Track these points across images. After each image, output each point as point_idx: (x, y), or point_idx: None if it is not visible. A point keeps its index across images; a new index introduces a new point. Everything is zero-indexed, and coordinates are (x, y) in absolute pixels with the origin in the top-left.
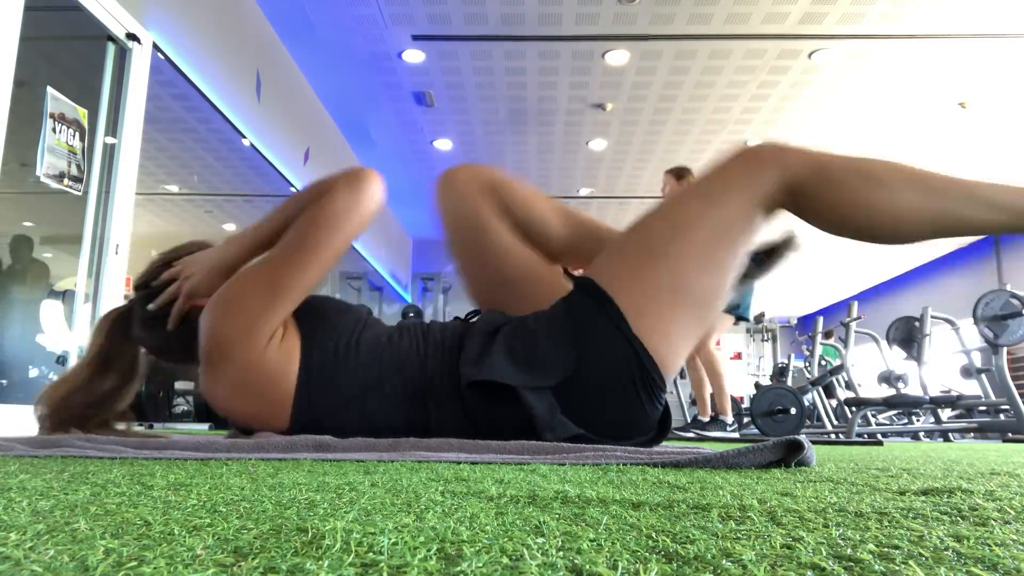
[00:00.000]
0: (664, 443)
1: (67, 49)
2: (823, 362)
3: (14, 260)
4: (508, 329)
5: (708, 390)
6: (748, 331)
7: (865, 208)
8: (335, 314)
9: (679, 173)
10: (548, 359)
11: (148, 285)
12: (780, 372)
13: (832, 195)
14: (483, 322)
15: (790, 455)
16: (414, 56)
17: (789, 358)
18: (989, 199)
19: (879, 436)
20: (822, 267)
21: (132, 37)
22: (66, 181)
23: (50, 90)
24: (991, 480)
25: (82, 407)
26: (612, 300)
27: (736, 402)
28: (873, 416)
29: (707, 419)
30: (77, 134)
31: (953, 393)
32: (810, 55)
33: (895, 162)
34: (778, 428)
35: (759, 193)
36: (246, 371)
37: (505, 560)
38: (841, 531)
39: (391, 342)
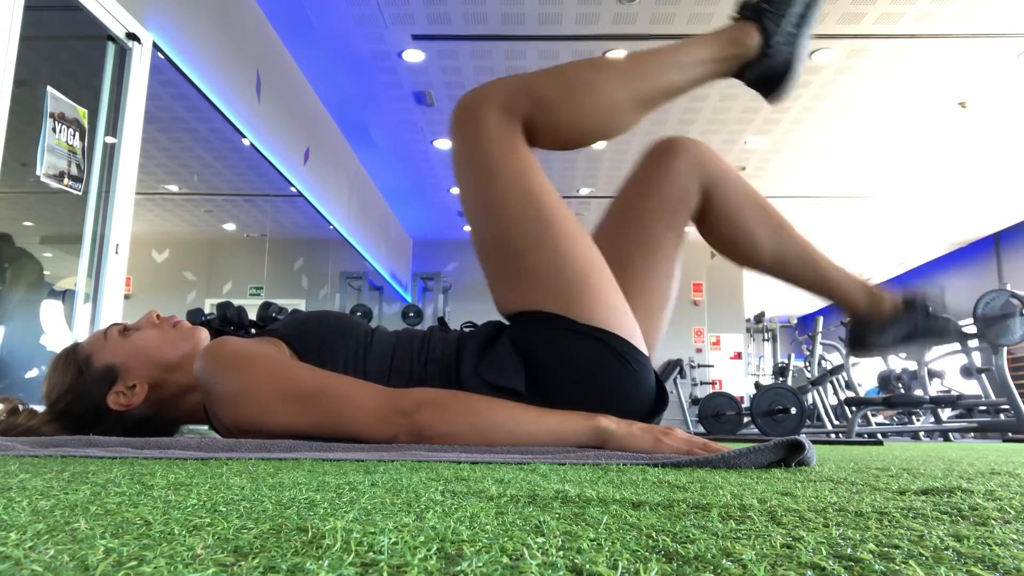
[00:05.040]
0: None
1: (67, 49)
2: (824, 362)
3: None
4: (502, 340)
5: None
6: (748, 331)
7: (582, 116)
8: (336, 339)
9: None
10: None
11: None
12: (780, 372)
13: (550, 116)
14: (477, 333)
15: (791, 455)
16: (414, 56)
17: (789, 358)
18: (680, 61)
19: (879, 436)
20: None
21: (132, 37)
22: (66, 181)
23: (50, 90)
24: (991, 480)
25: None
26: (543, 311)
27: (736, 402)
28: (873, 416)
29: None
30: (77, 134)
31: (953, 393)
32: (810, 55)
33: (588, 60)
34: (778, 428)
35: (499, 136)
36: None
37: (505, 560)
38: (841, 531)
39: (394, 359)
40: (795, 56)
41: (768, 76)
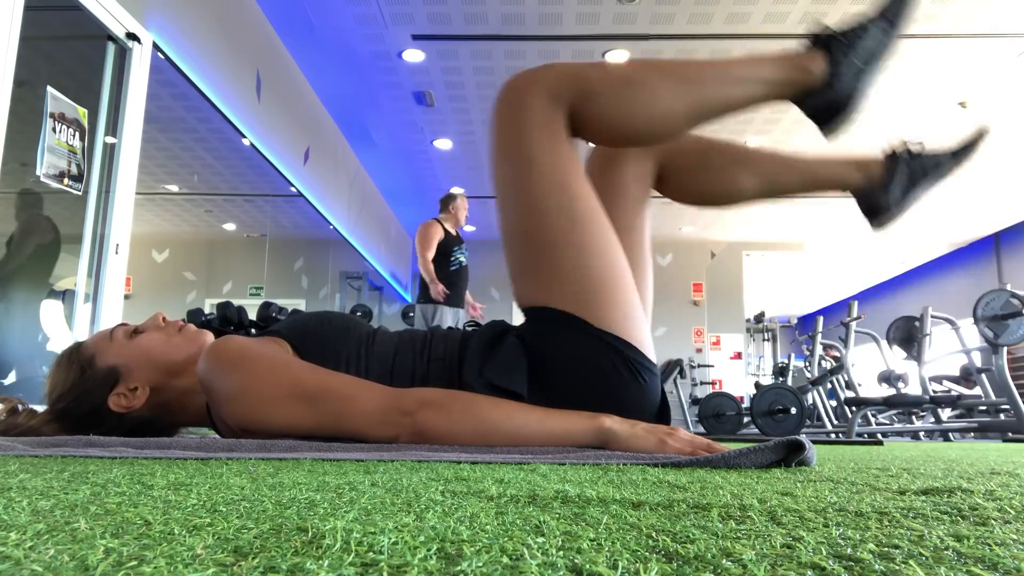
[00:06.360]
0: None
1: (67, 49)
2: (824, 362)
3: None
4: (509, 340)
5: None
6: (748, 331)
7: (631, 113)
8: (338, 339)
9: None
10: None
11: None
12: (780, 372)
13: (599, 108)
14: (482, 333)
15: (791, 455)
16: (414, 56)
17: (789, 358)
18: (741, 76)
19: (879, 436)
20: (822, 267)
21: (132, 37)
22: (66, 181)
23: (50, 90)
24: (991, 480)
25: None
26: (559, 310)
27: (736, 402)
28: (873, 416)
29: None
30: (77, 134)
31: (953, 393)
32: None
33: (647, 60)
34: (778, 428)
35: (542, 124)
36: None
37: (505, 560)
38: (841, 531)
39: (396, 359)
40: (858, 91)
41: (827, 108)
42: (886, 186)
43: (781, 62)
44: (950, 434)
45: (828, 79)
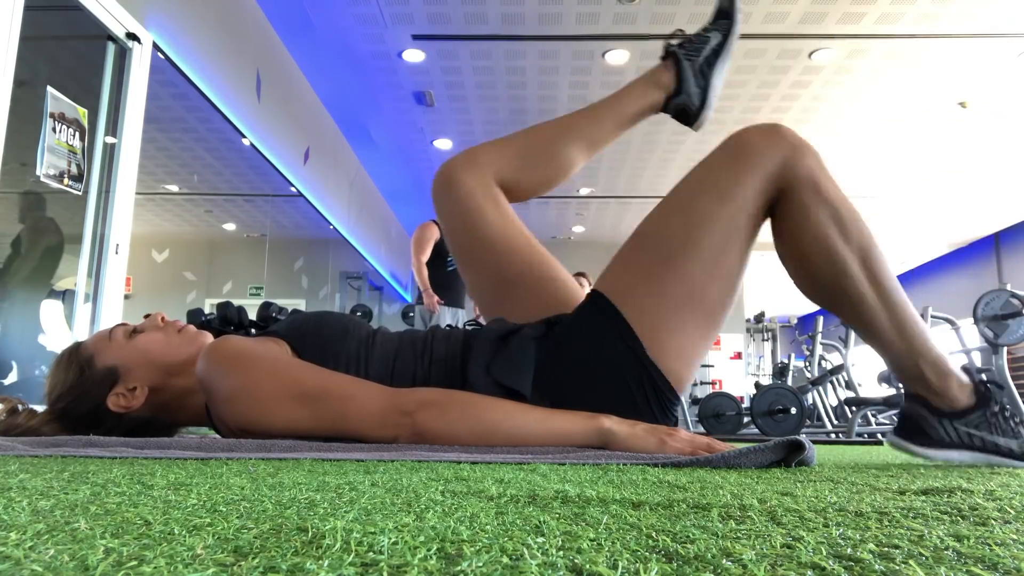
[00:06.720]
0: None
1: (67, 49)
2: (824, 362)
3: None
4: (516, 339)
5: None
6: (748, 331)
7: (817, 248)
8: (338, 339)
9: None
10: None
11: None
12: (780, 372)
13: (808, 216)
14: (488, 331)
15: (791, 455)
16: (414, 56)
17: (789, 358)
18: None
19: (879, 436)
20: None
21: (132, 37)
22: (66, 181)
23: (50, 90)
24: (991, 480)
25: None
26: (623, 317)
27: (736, 402)
28: (873, 416)
29: None
30: (77, 134)
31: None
32: (810, 55)
33: (868, 230)
34: (778, 428)
35: (768, 186)
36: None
37: (505, 560)
38: (841, 531)
39: (396, 360)
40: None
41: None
42: (681, 86)
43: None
44: None
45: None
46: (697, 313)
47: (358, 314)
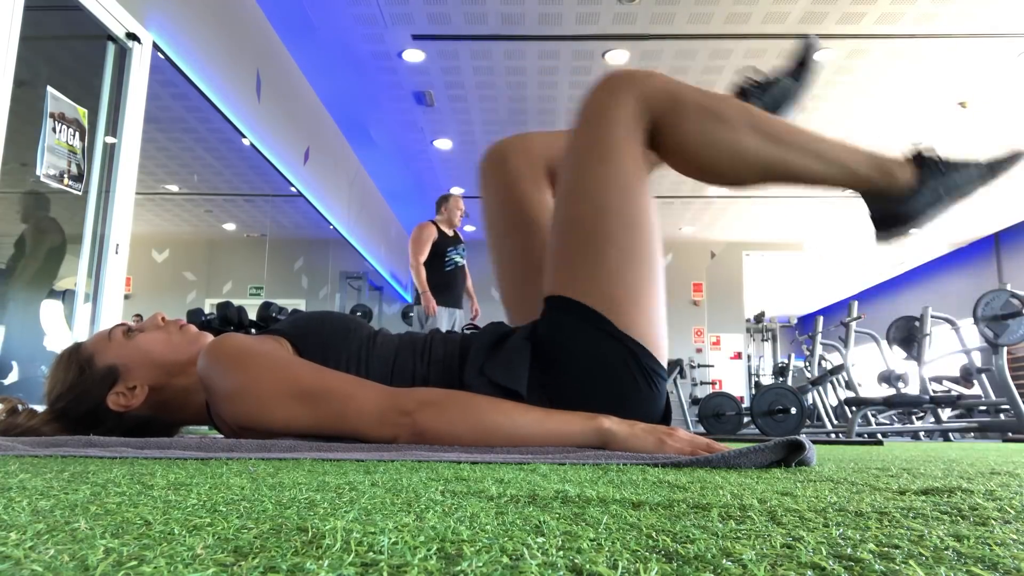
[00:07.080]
0: None
1: (67, 49)
2: (824, 362)
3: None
4: (511, 341)
5: None
6: (748, 331)
7: (709, 147)
8: (339, 339)
9: None
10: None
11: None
12: (780, 372)
13: (683, 132)
14: (484, 334)
15: (791, 455)
16: (414, 56)
17: (789, 358)
18: (823, 153)
19: (879, 436)
20: (822, 267)
21: (132, 37)
22: (66, 180)
23: (50, 90)
24: (991, 480)
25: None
26: (583, 304)
27: (736, 402)
28: (873, 416)
29: None
30: (77, 134)
31: (953, 393)
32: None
33: (743, 104)
34: (778, 428)
35: (627, 123)
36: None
37: (505, 560)
38: (841, 531)
39: (397, 360)
40: (927, 216)
41: (892, 217)
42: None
43: (871, 158)
44: (950, 434)
45: (908, 194)
46: (638, 267)
47: (358, 314)
